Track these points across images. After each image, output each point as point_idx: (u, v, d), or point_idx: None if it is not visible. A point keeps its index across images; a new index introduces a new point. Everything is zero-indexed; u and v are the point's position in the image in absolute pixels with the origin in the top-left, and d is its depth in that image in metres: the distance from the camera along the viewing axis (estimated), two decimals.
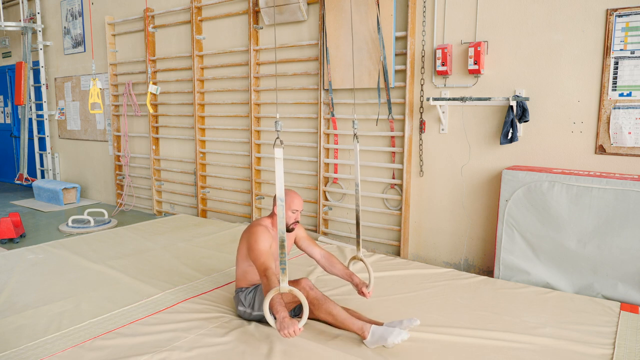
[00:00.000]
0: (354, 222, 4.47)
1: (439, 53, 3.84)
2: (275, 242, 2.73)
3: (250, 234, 2.69)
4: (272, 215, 2.82)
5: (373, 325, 2.51)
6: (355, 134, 2.99)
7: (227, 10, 5.27)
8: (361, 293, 2.81)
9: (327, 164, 4.73)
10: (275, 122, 2.33)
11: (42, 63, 7.42)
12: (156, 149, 6.18)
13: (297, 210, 2.75)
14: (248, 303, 2.78)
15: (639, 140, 3.28)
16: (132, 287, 3.36)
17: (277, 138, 2.28)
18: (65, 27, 7.16)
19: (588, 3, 3.36)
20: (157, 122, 6.13)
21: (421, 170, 4.18)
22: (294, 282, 2.70)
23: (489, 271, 3.87)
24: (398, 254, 4.35)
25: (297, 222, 2.79)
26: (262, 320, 2.78)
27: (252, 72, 5.07)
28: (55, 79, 7.47)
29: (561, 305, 3.05)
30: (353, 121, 2.97)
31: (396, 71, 4.19)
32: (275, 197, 2.81)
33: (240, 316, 2.85)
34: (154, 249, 4.30)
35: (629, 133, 3.30)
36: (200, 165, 5.74)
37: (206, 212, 5.79)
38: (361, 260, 2.99)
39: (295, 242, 2.95)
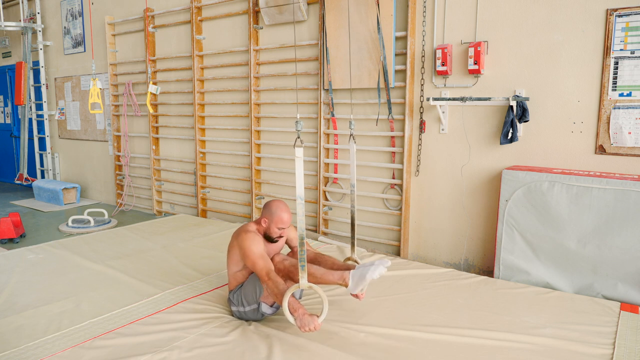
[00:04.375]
0: None
1: (439, 53, 3.84)
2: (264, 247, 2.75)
3: (241, 240, 2.70)
4: (259, 222, 2.82)
5: (351, 271, 2.57)
6: (351, 134, 3.00)
7: (227, 10, 5.27)
8: (354, 295, 2.80)
9: (327, 164, 4.73)
10: (296, 122, 2.41)
11: (42, 63, 7.42)
12: (156, 149, 6.18)
13: (282, 228, 2.75)
14: (237, 301, 2.79)
15: (639, 140, 3.28)
16: (132, 287, 3.36)
17: (298, 137, 2.38)
18: (65, 27, 7.16)
19: (588, 3, 3.36)
20: (157, 122, 6.13)
21: (419, 171, 4.18)
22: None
23: (489, 271, 3.87)
24: (398, 254, 4.35)
25: (282, 236, 2.82)
26: (259, 320, 2.80)
27: (252, 72, 5.07)
28: (55, 79, 7.47)
29: (561, 305, 3.04)
30: (350, 121, 2.98)
31: (396, 71, 4.18)
32: (265, 206, 2.81)
33: (237, 317, 2.86)
34: (154, 249, 4.30)
35: (629, 133, 3.30)
36: (200, 165, 5.74)
37: (206, 212, 5.79)
38: (355, 262, 2.99)
39: (287, 243, 3.00)
